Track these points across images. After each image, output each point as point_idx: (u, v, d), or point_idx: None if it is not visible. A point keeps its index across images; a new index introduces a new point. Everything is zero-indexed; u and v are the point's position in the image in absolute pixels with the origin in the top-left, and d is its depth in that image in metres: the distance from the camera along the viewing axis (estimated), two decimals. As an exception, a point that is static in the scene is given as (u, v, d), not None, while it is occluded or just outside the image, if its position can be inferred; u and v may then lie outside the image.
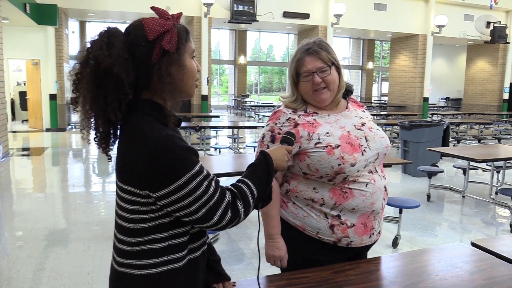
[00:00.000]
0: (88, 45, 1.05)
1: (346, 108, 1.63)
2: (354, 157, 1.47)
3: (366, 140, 1.54)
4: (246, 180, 1.15)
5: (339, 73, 1.57)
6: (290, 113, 1.56)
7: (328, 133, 1.51)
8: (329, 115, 1.58)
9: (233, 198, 1.09)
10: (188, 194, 1.01)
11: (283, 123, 1.55)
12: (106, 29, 1.06)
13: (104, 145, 1.12)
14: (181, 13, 1.12)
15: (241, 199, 1.10)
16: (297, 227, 1.57)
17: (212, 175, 1.08)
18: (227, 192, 1.09)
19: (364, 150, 1.51)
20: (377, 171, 1.55)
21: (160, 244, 1.07)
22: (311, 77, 1.53)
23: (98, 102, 1.04)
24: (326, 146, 1.47)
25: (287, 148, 1.30)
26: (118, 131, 1.12)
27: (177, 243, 1.09)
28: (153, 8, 1.11)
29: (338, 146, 1.48)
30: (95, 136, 1.11)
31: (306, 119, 1.55)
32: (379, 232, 1.61)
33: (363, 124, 1.59)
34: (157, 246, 1.07)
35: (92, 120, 1.08)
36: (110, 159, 1.15)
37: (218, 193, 1.06)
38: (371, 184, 1.51)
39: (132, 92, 1.05)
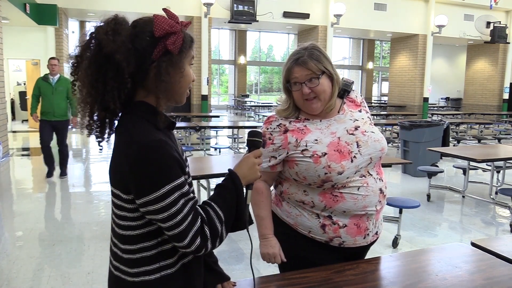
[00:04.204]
0: (92, 29, 1.05)
1: (340, 111, 1.59)
2: (342, 165, 1.46)
3: (358, 146, 1.51)
4: (213, 204, 1.09)
5: (332, 80, 1.54)
6: (281, 119, 1.57)
7: (316, 140, 1.50)
8: (321, 120, 1.56)
9: (201, 223, 1.04)
10: (164, 209, 0.99)
11: (274, 128, 1.56)
12: (113, 16, 1.06)
13: (97, 133, 1.10)
14: (189, 22, 1.12)
15: (208, 224, 1.05)
16: (290, 225, 1.59)
17: (191, 195, 1.06)
18: (199, 216, 1.04)
19: (354, 157, 1.49)
20: (371, 174, 1.53)
21: (151, 251, 1.06)
22: (300, 86, 1.51)
23: (97, 88, 1.02)
24: (312, 155, 1.47)
25: (255, 154, 1.18)
26: (115, 122, 1.10)
27: (167, 249, 1.08)
28: (165, 10, 1.11)
29: (325, 154, 1.46)
30: (88, 123, 1.09)
31: (297, 125, 1.55)
32: (376, 233, 1.60)
33: (356, 128, 1.55)
34: (148, 254, 1.06)
35: (88, 106, 1.06)
36: (101, 149, 1.13)
37: (191, 215, 1.02)
38: (363, 188, 1.50)
39: (130, 81, 1.03)
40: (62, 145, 6.06)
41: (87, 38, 1.05)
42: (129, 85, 1.03)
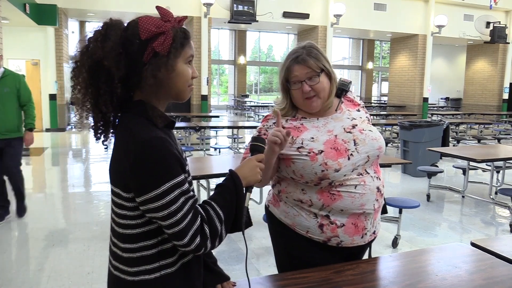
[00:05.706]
0: (90, 34, 1.07)
1: (338, 110, 1.60)
2: (339, 163, 1.46)
3: (355, 144, 1.51)
4: (213, 203, 1.09)
5: (330, 79, 1.55)
6: None
7: (312, 138, 1.50)
8: (318, 119, 1.57)
9: (201, 222, 1.05)
10: (164, 207, 0.99)
11: (270, 125, 1.56)
12: (107, 20, 1.07)
13: (98, 135, 1.12)
14: (185, 17, 1.11)
15: (208, 224, 1.05)
16: (288, 225, 1.58)
17: (191, 193, 1.06)
18: (199, 215, 1.05)
19: (351, 154, 1.49)
20: (368, 173, 1.53)
21: (151, 250, 1.07)
22: (300, 85, 1.51)
23: (91, 92, 1.05)
24: (309, 153, 1.47)
25: (257, 157, 1.21)
26: (111, 124, 1.12)
27: (167, 248, 1.08)
28: (157, 7, 1.11)
29: (322, 151, 1.47)
30: (92, 125, 1.12)
31: (293, 123, 1.55)
32: (373, 232, 1.60)
33: (353, 126, 1.56)
34: (148, 253, 1.06)
35: (87, 109, 1.09)
36: (106, 148, 1.15)
37: (191, 213, 1.03)
38: (360, 186, 1.50)
39: (121, 86, 1.05)
40: (13, 172, 4.08)
41: (86, 43, 1.06)
42: (119, 90, 1.05)
